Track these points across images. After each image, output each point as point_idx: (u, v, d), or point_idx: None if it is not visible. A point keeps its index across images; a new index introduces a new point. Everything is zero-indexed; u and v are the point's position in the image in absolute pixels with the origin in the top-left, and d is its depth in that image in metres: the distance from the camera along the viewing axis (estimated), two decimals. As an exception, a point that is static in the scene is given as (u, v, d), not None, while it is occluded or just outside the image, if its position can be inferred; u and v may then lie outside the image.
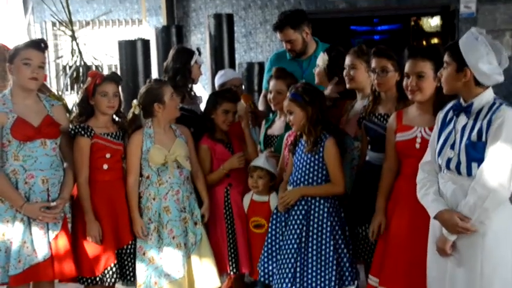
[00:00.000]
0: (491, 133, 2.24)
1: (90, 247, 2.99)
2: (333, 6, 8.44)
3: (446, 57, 2.36)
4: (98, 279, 3.02)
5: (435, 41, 10.13)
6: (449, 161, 2.38)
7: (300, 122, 2.97)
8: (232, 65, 6.15)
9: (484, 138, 2.26)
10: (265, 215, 3.20)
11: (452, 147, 2.36)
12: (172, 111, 3.14)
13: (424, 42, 10.40)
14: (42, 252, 2.83)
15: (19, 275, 2.79)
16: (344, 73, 3.17)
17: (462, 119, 2.37)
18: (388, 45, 3.10)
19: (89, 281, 3.04)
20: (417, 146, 2.67)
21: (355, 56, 3.12)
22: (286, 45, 3.83)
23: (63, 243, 2.89)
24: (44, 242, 2.84)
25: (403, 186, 2.76)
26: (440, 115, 2.50)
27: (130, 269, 3.10)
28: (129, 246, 3.10)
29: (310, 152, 2.95)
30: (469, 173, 2.30)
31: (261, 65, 6.97)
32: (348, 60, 3.15)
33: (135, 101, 3.16)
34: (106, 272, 3.01)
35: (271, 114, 3.78)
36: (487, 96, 2.33)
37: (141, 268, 3.06)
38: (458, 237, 2.34)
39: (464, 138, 2.32)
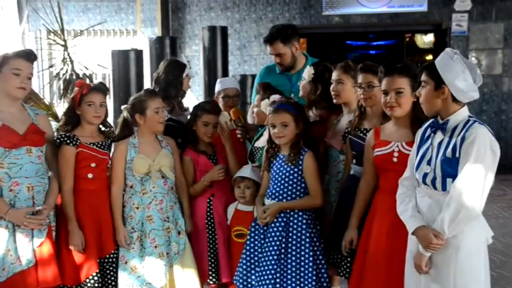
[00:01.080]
0: (464, 150, 2.29)
1: (73, 255, 2.99)
2: (327, 21, 8.54)
3: (424, 77, 2.42)
4: (80, 287, 3.01)
5: (429, 57, 10.22)
6: (425, 176, 2.43)
7: (292, 135, 3.00)
8: (225, 77, 6.18)
9: (457, 155, 2.31)
10: (248, 225, 3.20)
11: (429, 162, 2.41)
12: (153, 125, 3.14)
13: (418, 58, 10.49)
14: (26, 259, 2.83)
15: (3, 283, 2.78)
16: (330, 88, 3.20)
17: (439, 136, 2.42)
18: (384, 60, 3.13)
19: (71, 289, 3.03)
20: (395, 159, 2.71)
21: (342, 71, 3.14)
22: (275, 58, 3.87)
23: (47, 251, 2.89)
24: (29, 250, 2.84)
25: (381, 200, 2.79)
26: (419, 132, 2.55)
27: (113, 278, 3.10)
28: (112, 255, 3.09)
29: (290, 163, 2.97)
30: (444, 188, 2.36)
31: (254, 77, 7.01)
32: (334, 75, 3.18)
33: (124, 106, 3.20)
34: (88, 280, 3.00)
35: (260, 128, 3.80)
36: (462, 113, 2.40)
37: (123, 277, 3.06)
38: (433, 252, 2.37)
39: (440, 154, 2.37)
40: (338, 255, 3.03)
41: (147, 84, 5.99)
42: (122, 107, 3.21)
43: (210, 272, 3.31)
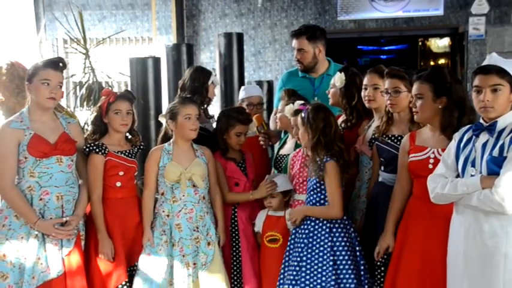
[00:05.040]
0: None
1: (102, 264, 3.00)
2: (342, 26, 8.52)
3: (498, 80, 2.35)
4: (109, 296, 3.01)
5: (443, 61, 10.16)
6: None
7: (303, 141, 3.03)
8: (241, 83, 6.19)
9: (505, 154, 2.29)
10: (280, 229, 3.20)
11: (473, 164, 2.39)
12: (184, 132, 3.13)
13: (432, 63, 10.43)
14: (55, 268, 2.84)
15: (32, 291, 2.79)
16: (364, 93, 3.17)
17: (483, 138, 2.40)
18: (396, 65, 3.13)
19: (101, 298, 3.03)
20: (430, 166, 2.67)
21: (377, 76, 3.12)
22: (296, 54, 3.88)
23: (76, 260, 2.90)
24: (58, 259, 2.85)
25: (415, 207, 2.75)
26: (457, 136, 2.52)
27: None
28: (141, 264, 3.09)
29: (315, 175, 2.98)
30: None
31: (270, 83, 7.01)
32: (369, 80, 3.15)
33: (161, 114, 3.26)
34: (117, 289, 3.01)
35: (282, 134, 3.80)
36: (511, 117, 2.38)
37: (140, 275, 3.04)
38: (480, 257, 2.34)
39: (486, 155, 2.35)
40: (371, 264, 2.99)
41: (165, 90, 6.00)
42: (160, 115, 3.23)
43: (232, 280, 3.29)
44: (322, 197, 2.98)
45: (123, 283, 3.01)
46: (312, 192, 3.01)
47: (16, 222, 2.85)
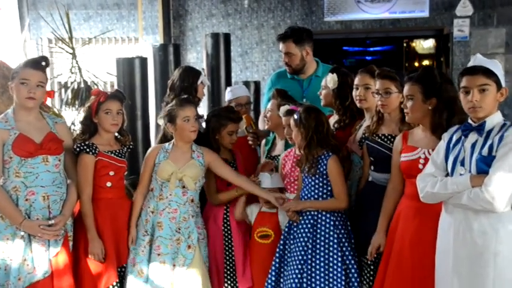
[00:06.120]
0: (502, 146, 2.31)
1: (92, 265, 2.97)
2: (328, 27, 8.56)
3: (485, 80, 2.38)
4: (98, 297, 2.99)
5: (428, 62, 10.25)
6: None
7: (297, 140, 3.03)
8: (228, 84, 6.19)
9: (494, 153, 2.32)
10: (273, 226, 3.20)
11: (463, 163, 2.41)
12: (184, 134, 3.13)
13: (417, 64, 10.53)
14: (42, 269, 2.80)
15: (19, 293, 2.75)
16: (355, 93, 3.18)
17: (472, 138, 2.42)
18: (381, 66, 3.15)
19: (90, 300, 3.00)
20: (420, 166, 2.68)
21: (368, 75, 3.13)
22: (284, 57, 3.87)
23: (63, 260, 2.86)
24: (45, 259, 2.81)
25: (405, 207, 2.77)
26: (446, 136, 2.55)
27: (131, 287, 3.07)
28: (130, 265, 3.07)
29: (310, 173, 3.00)
30: None
31: (257, 83, 7.01)
32: (360, 80, 3.15)
33: (160, 116, 3.26)
34: (107, 290, 2.98)
35: (271, 134, 3.79)
36: (499, 116, 2.44)
37: (130, 279, 3.04)
38: (470, 256, 2.36)
39: (475, 154, 2.37)
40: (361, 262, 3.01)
41: (152, 91, 5.97)
42: (158, 117, 3.25)
43: (225, 279, 3.28)
44: (320, 193, 3.01)
45: (114, 284, 2.98)
46: (312, 189, 3.02)
47: (1, 223, 2.81)
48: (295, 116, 3.05)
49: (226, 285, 3.29)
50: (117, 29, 8.72)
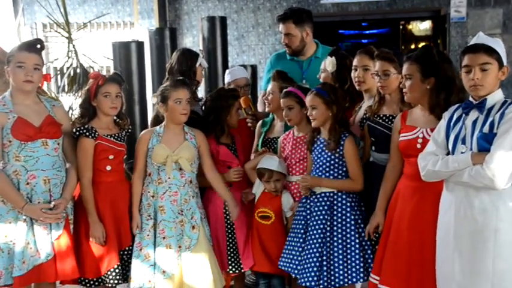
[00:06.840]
0: (503, 123, 2.31)
1: (94, 248, 2.98)
2: (325, 10, 8.49)
3: (487, 59, 2.37)
4: (100, 280, 3.00)
5: (425, 44, 10.21)
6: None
7: (322, 118, 3.01)
8: (225, 68, 6.16)
9: (495, 130, 2.32)
10: (274, 208, 3.21)
11: (464, 141, 2.41)
12: (174, 116, 3.12)
13: (414, 46, 10.48)
14: (45, 252, 2.81)
15: (23, 276, 2.77)
16: (353, 74, 3.17)
17: (472, 116, 2.42)
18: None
19: (91, 282, 3.02)
20: (418, 146, 2.69)
21: (367, 57, 3.12)
22: (284, 39, 3.85)
23: (65, 243, 2.88)
24: (47, 243, 2.83)
25: (403, 187, 2.78)
26: (447, 115, 2.54)
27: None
28: (131, 248, 3.08)
29: (331, 150, 2.99)
30: None
31: (253, 67, 6.98)
32: (359, 61, 3.14)
33: (154, 94, 3.24)
34: (109, 273, 2.98)
35: (270, 115, 3.78)
36: (499, 94, 2.43)
37: (136, 264, 3.05)
38: (470, 233, 2.37)
39: (476, 132, 2.37)
40: None
41: (148, 75, 5.95)
42: (152, 95, 3.23)
43: (229, 262, 3.30)
44: (336, 174, 3.00)
45: (115, 266, 2.99)
46: (327, 169, 3.01)
47: (3, 207, 2.81)
48: (321, 93, 3.00)
49: (230, 267, 3.31)
50: (112, 14, 8.63)
